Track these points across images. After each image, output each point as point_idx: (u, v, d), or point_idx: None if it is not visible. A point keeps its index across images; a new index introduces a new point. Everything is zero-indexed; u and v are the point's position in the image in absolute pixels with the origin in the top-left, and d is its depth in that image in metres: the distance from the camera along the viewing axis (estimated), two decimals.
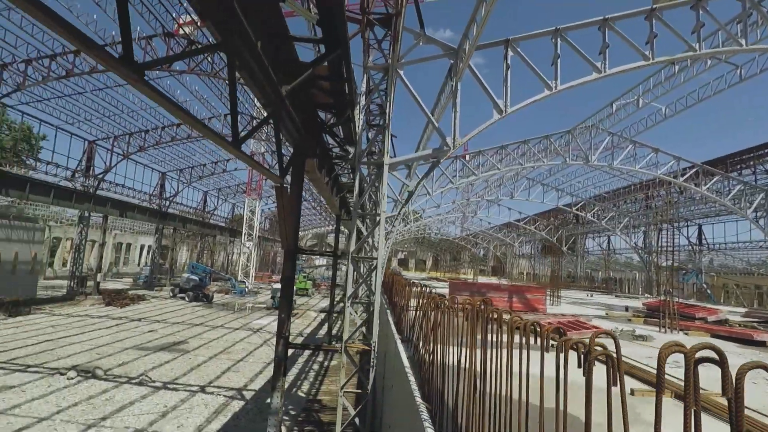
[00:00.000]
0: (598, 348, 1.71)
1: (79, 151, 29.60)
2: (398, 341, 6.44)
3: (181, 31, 18.97)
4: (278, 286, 31.55)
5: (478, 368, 3.04)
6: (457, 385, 3.37)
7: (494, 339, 2.93)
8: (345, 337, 8.93)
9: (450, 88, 9.63)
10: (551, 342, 2.36)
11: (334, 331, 21.27)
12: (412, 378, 4.54)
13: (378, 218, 9.81)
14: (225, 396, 11.63)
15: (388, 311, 10.28)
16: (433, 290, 6.00)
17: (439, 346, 3.97)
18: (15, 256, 25.07)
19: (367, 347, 8.93)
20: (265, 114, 23.48)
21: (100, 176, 29.67)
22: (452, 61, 9.32)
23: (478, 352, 3.13)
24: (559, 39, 9.48)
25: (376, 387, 9.21)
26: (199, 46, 18.08)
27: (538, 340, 2.42)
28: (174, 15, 18.10)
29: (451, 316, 3.79)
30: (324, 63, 6.54)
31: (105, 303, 27.10)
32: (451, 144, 9.14)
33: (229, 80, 4.36)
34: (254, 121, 27.37)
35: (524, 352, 2.52)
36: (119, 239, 54.17)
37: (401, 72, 9.17)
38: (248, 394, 11.92)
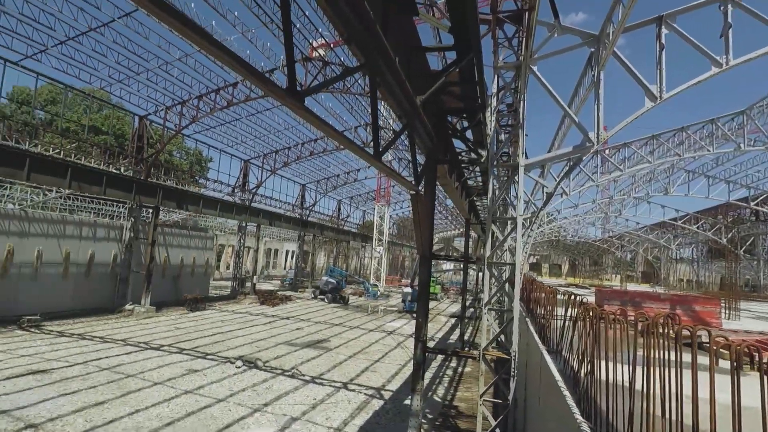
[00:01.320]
0: None
1: (237, 169, 34.37)
2: (544, 352, 6.08)
3: (314, 54, 20.88)
4: (408, 290, 32.37)
5: (658, 390, 2.69)
6: (632, 408, 3.03)
7: (675, 357, 2.57)
8: (482, 344, 8.74)
9: (591, 79, 8.84)
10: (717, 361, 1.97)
11: (466, 337, 21.03)
12: (566, 393, 4.23)
13: (511, 222, 9.44)
14: (365, 394, 12.25)
15: (528, 319, 9.78)
16: (582, 299, 5.53)
17: (602, 362, 3.63)
18: (193, 260, 29.99)
19: (506, 356, 8.62)
20: (392, 122, 24.22)
21: (254, 190, 33.95)
22: (593, 49, 8.55)
23: (655, 371, 2.77)
24: (730, 6, 8.05)
25: (517, 398, 8.81)
26: (340, 69, 19.59)
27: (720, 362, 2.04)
28: (310, 40, 19.95)
29: (618, 329, 3.43)
30: (456, 69, 6.54)
31: (260, 302, 30.79)
32: (595, 139, 8.36)
33: (371, 98, 4.62)
34: (380, 131, 28.58)
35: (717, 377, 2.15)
36: (269, 245, 61.23)
37: (534, 68, 8.71)
38: (386, 394, 12.39)
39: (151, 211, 24.24)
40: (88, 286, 21.94)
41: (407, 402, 11.23)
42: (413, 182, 8.01)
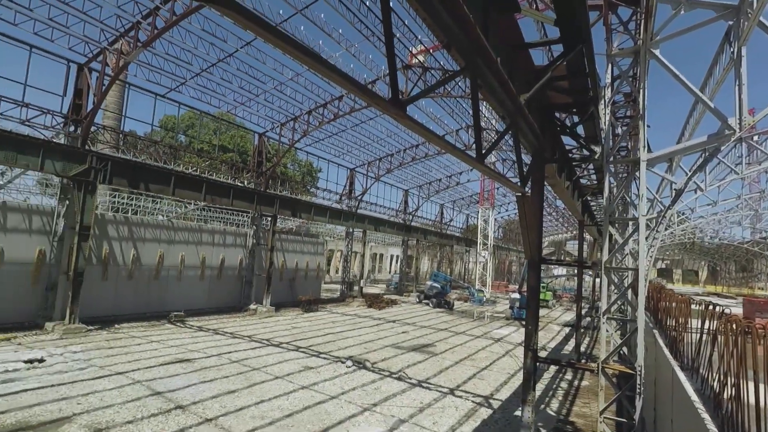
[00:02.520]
0: None
1: (343, 178, 36.24)
2: (677, 369, 5.40)
3: (414, 60, 21.22)
4: (516, 295, 31.03)
5: None
6: None
7: None
8: (602, 356, 8.04)
9: (729, 56, 7.69)
10: None
11: (582, 348, 19.52)
12: (705, 416, 3.71)
13: (632, 223, 8.57)
14: (472, 402, 12.00)
15: (655, 331, 8.78)
16: (723, 310, 4.82)
17: (749, 384, 3.13)
18: (306, 265, 32.23)
19: (630, 370, 7.82)
20: (494, 122, 23.58)
21: (359, 197, 35.46)
22: (731, 22, 7.43)
23: None
24: None
25: (644, 417, 7.94)
26: (440, 74, 19.71)
27: None
28: (409, 48, 20.37)
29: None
30: (563, 62, 6.18)
31: (367, 305, 31.93)
32: (737, 126, 7.24)
33: (472, 101, 4.58)
34: (482, 132, 27.95)
35: None
36: (374, 250, 63.33)
37: (656, 51, 7.84)
38: (495, 404, 12.00)
39: (269, 219, 26.64)
40: (219, 287, 24.84)
41: (517, 413, 10.76)
42: (519, 183, 7.72)
